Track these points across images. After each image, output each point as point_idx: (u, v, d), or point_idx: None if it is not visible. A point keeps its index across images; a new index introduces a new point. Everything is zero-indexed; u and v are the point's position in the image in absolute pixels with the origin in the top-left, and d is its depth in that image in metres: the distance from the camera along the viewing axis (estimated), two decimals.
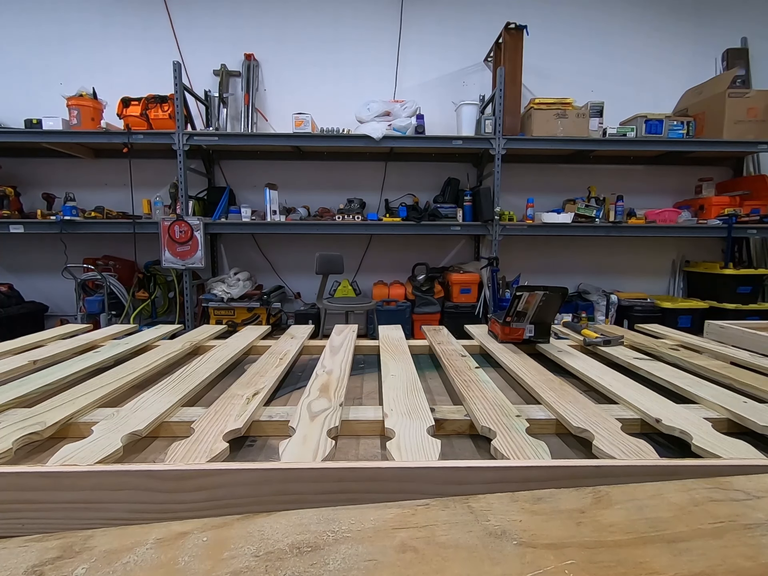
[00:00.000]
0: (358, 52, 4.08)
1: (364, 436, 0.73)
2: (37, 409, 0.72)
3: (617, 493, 0.44)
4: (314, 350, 1.30)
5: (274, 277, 4.27)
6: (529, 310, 1.23)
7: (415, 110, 3.73)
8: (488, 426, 0.67)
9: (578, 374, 1.02)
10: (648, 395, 0.82)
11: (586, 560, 0.35)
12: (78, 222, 3.50)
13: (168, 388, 0.84)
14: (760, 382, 0.89)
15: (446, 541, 0.37)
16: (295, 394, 0.95)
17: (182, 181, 3.47)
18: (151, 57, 3.98)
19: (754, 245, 4.17)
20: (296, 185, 4.15)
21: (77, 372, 0.97)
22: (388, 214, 3.89)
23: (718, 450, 0.59)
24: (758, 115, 3.53)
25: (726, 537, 0.37)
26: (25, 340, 1.25)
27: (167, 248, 3.45)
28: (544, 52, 4.04)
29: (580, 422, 0.69)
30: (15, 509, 0.46)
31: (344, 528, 0.39)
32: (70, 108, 3.48)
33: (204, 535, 0.39)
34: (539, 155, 4.08)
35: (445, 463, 0.50)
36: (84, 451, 0.58)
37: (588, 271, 4.26)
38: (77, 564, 0.36)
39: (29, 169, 4.03)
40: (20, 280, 4.04)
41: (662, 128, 3.63)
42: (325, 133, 3.60)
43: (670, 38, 4.13)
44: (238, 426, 0.66)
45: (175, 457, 0.56)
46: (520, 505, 0.42)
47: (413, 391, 0.83)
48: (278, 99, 4.10)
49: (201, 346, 1.29)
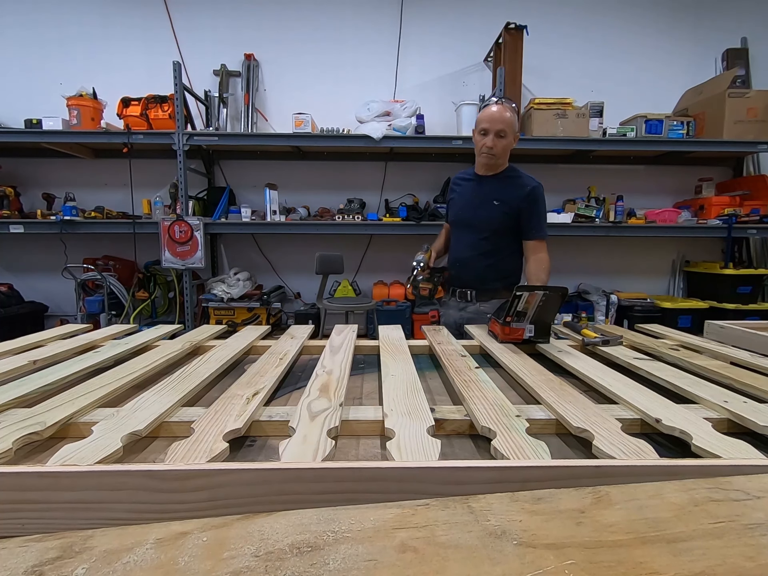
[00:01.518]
0: (358, 52, 4.08)
1: (364, 436, 0.73)
2: (37, 409, 0.72)
3: (617, 493, 0.44)
4: (314, 350, 1.30)
5: (274, 277, 4.27)
6: (529, 310, 1.23)
7: (415, 110, 3.73)
8: (488, 426, 0.67)
9: (578, 374, 1.02)
10: (648, 395, 0.82)
11: (586, 560, 0.35)
12: (78, 222, 3.50)
13: (168, 388, 0.84)
14: (760, 382, 0.89)
15: (446, 541, 0.37)
16: (295, 394, 0.95)
17: (182, 181, 3.47)
18: (151, 57, 3.98)
19: (754, 245, 4.17)
20: (296, 185, 4.15)
21: (77, 372, 0.97)
22: (388, 214, 3.89)
23: (718, 450, 0.59)
24: (758, 115, 3.53)
25: (726, 537, 0.37)
26: (25, 340, 1.25)
27: (167, 248, 3.45)
28: (544, 52, 4.04)
29: (580, 422, 0.69)
30: (15, 509, 0.46)
31: (344, 528, 0.39)
32: (70, 108, 3.48)
33: (204, 535, 0.39)
34: (539, 155, 4.08)
35: (445, 463, 0.50)
36: (84, 451, 0.58)
37: (588, 271, 4.26)
38: (77, 564, 0.36)
39: (29, 169, 4.02)
40: (20, 280, 4.04)
41: (662, 128, 3.63)
42: (325, 133, 3.60)
43: (670, 38, 4.13)
44: (238, 426, 0.66)
45: (175, 457, 0.56)
46: (520, 505, 0.42)
47: (413, 391, 0.83)
48: (278, 99, 4.10)
49: (201, 346, 1.29)
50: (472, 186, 1.88)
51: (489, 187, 1.81)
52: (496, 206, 1.77)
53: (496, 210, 1.77)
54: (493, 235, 1.79)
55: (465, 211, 1.86)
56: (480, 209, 1.81)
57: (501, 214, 1.77)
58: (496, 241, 1.80)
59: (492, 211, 1.78)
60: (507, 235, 1.80)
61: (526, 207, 1.76)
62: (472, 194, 1.86)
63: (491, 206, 1.78)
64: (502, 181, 1.81)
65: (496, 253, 1.79)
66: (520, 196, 1.76)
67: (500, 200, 1.77)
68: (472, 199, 1.85)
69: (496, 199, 1.78)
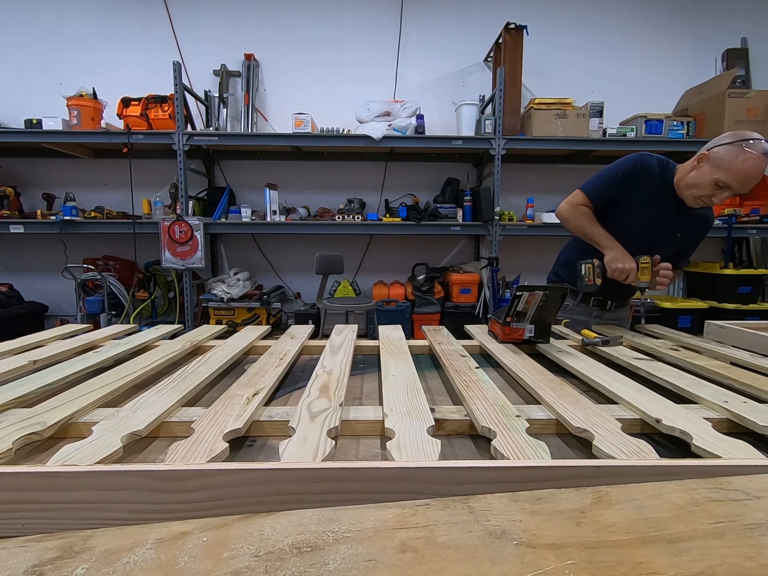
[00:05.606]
0: (358, 52, 4.08)
1: (364, 436, 0.73)
2: (37, 409, 0.72)
3: (617, 493, 0.44)
4: (314, 350, 1.30)
5: (274, 277, 4.27)
6: (529, 310, 1.23)
7: (415, 110, 3.73)
8: (488, 426, 0.67)
9: (578, 374, 1.02)
10: (648, 395, 0.82)
11: (586, 560, 0.35)
12: (78, 222, 3.51)
13: (168, 388, 0.84)
14: (760, 382, 0.89)
15: (446, 541, 0.37)
16: (295, 394, 0.95)
17: (182, 181, 3.47)
18: (151, 57, 3.99)
19: (754, 245, 4.16)
20: (296, 185, 4.15)
21: (77, 372, 0.97)
22: (388, 214, 3.89)
23: (718, 450, 0.59)
24: (758, 115, 3.53)
25: (726, 537, 0.37)
26: (25, 340, 1.25)
27: (167, 248, 3.45)
28: (544, 52, 4.04)
29: (580, 422, 0.69)
30: (15, 509, 0.46)
31: (344, 528, 0.39)
32: (70, 108, 3.48)
33: (204, 535, 0.39)
34: (539, 155, 4.08)
35: (445, 463, 0.50)
36: (84, 451, 0.58)
37: None
38: (77, 564, 0.36)
39: (29, 169, 4.03)
40: (20, 280, 4.04)
41: (662, 128, 3.63)
42: (325, 133, 3.61)
43: (670, 38, 4.13)
44: (238, 426, 0.66)
45: (175, 457, 0.56)
46: (520, 505, 0.42)
47: (413, 391, 0.83)
48: (278, 99, 4.10)
49: (201, 346, 1.29)
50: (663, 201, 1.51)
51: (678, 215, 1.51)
52: (677, 240, 1.55)
53: (674, 243, 1.55)
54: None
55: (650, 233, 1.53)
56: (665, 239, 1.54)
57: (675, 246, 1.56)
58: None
59: (672, 244, 1.55)
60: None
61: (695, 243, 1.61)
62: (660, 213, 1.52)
63: (673, 238, 1.55)
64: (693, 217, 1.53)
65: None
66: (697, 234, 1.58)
67: (682, 236, 1.55)
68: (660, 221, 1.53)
69: (680, 232, 1.54)
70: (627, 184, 1.50)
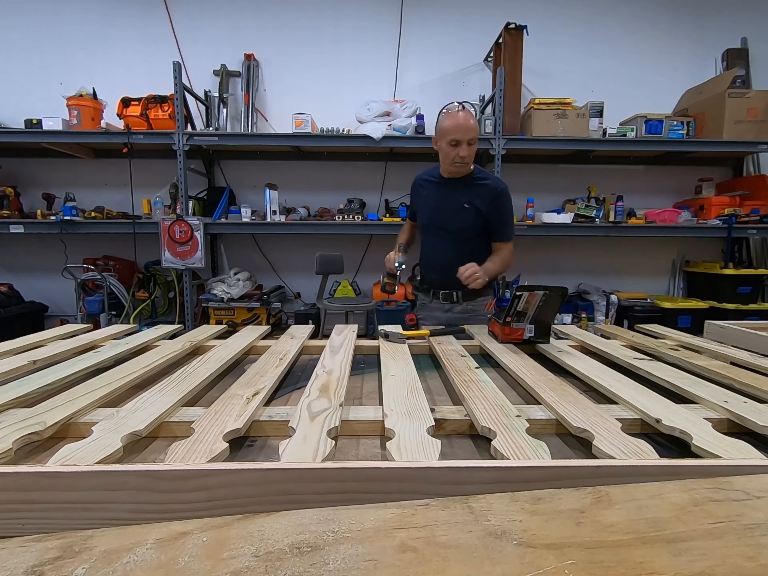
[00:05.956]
0: (358, 52, 4.07)
1: (364, 436, 0.73)
2: (37, 409, 0.72)
3: (617, 493, 0.44)
4: (314, 350, 1.30)
5: (274, 277, 4.26)
6: (529, 310, 1.23)
7: (415, 110, 3.73)
8: (488, 426, 0.67)
9: (578, 374, 1.02)
10: (648, 395, 0.82)
11: (586, 560, 0.35)
12: (78, 222, 3.50)
13: (168, 388, 0.84)
14: (760, 382, 0.89)
15: (446, 541, 0.37)
16: (295, 394, 0.95)
17: (182, 181, 3.47)
18: (151, 57, 3.98)
19: (754, 245, 4.16)
20: (296, 185, 4.14)
21: (77, 372, 0.97)
22: (388, 214, 3.89)
23: (718, 450, 0.59)
24: (758, 116, 3.53)
25: (726, 537, 0.37)
26: (25, 340, 1.25)
27: (167, 248, 3.45)
28: (544, 52, 4.04)
29: (580, 422, 0.69)
30: (15, 509, 0.46)
31: (344, 528, 0.39)
32: (70, 108, 3.48)
33: (204, 535, 0.39)
34: (539, 155, 4.08)
35: (445, 463, 0.50)
36: (84, 451, 0.58)
37: (588, 271, 4.26)
38: (77, 564, 0.36)
39: (29, 169, 4.02)
40: (20, 280, 4.03)
41: (662, 128, 3.63)
42: (325, 133, 3.60)
43: (670, 38, 4.13)
44: (238, 426, 0.66)
45: (175, 457, 0.56)
46: (520, 505, 0.42)
47: (413, 391, 0.83)
48: (278, 99, 4.10)
49: (201, 346, 1.29)
50: (439, 189, 1.87)
51: (457, 191, 1.81)
52: (467, 209, 1.79)
53: (467, 213, 1.79)
54: (469, 238, 1.82)
55: (437, 216, 1.86)
56: (452, 213, 1.81)
57: (472, 217, 1.79)
58: (472, 243, 1.83)
59: (464, 215, 1.79)
60: (482, 234, 1.83)
61: (494, 210, 1.78)
62: (440, 198, 1.85)
63: (462, 210, 1.79)
64: (469, 185, 1.81)
65: (475, 254, 1.77)
66: (488, 200, 1.78)
67: (470, 203, 1.78)
68: (441, 203, 1.85)
69: (466, 202, 1.79)
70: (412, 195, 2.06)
